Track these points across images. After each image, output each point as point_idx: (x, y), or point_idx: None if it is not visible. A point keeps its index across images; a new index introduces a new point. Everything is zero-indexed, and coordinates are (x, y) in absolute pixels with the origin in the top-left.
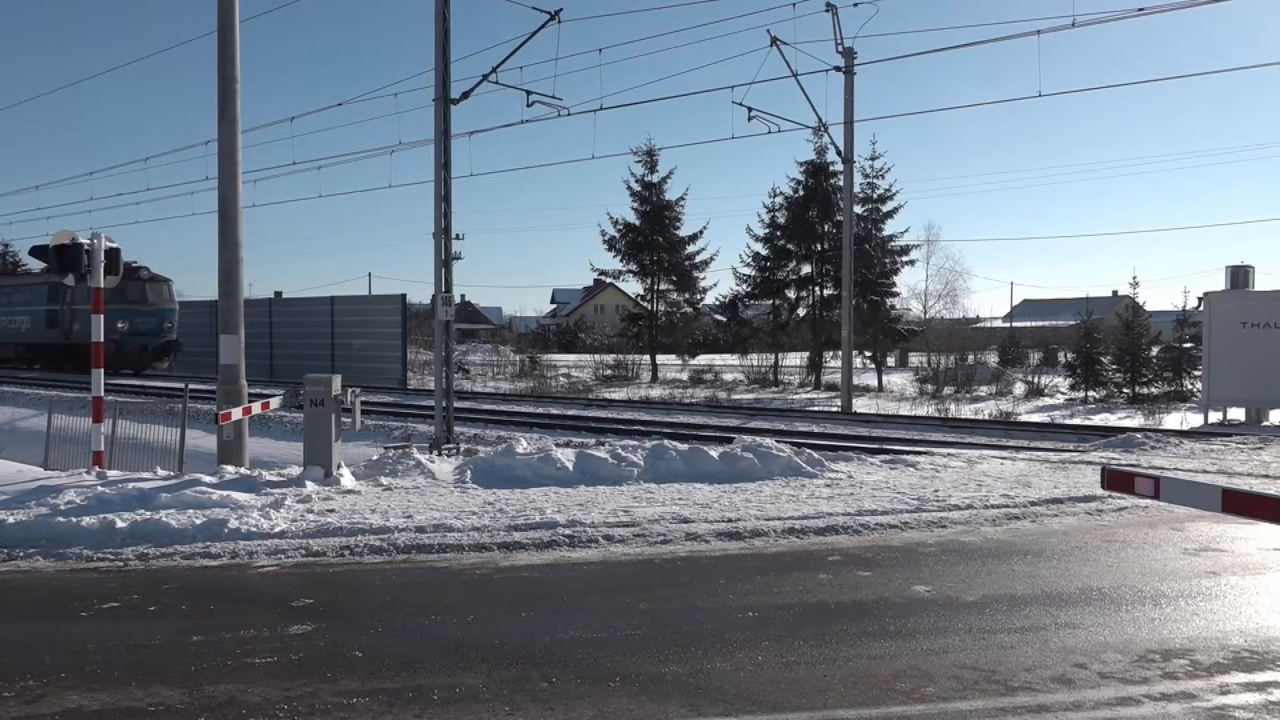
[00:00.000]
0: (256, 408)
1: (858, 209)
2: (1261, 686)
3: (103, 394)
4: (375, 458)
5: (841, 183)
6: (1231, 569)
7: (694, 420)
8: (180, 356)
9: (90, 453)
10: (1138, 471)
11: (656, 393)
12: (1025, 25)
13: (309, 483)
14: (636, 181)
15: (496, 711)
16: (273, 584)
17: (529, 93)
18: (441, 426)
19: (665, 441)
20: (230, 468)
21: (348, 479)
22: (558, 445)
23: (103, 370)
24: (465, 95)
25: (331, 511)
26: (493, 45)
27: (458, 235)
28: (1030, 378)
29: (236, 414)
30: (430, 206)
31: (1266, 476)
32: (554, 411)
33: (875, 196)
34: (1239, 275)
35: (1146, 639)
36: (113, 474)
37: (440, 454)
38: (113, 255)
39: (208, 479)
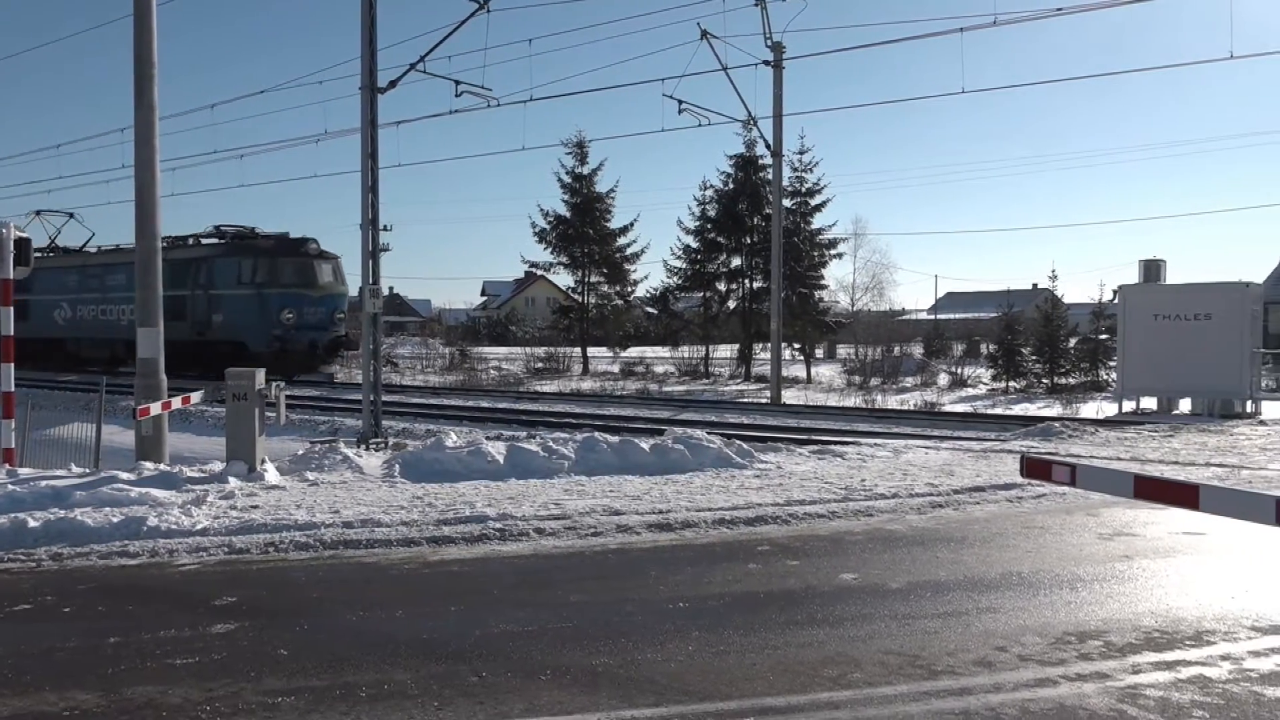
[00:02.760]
0: (177, 402)
1: (787, 202)
2: (1171, 665)
3: (12, 388)
4: (301, 453)
5: (771, 176)
6: (1143, 552)
7: (625, 412)
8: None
9: None
10: (1055, 459)
11: (588, 385)
12: (949, 23)
13: (232, 479)
14: (567, 173)
15: (425, 707)
16: (194, 583)
17: (457, 82)
18: (369, 420)
19: (596, 434)
20: (149, 464)
21: (272, 475)
22: (488, 438)
23: (12, 365)
24: (392, 84)
25: (255, 508)
26: (421, 34)
27: (385, 226)
28: (954, 369)
29: (155, 409)
30: (358, 197)
31: (1176, 463)
32: (484, 405)
33: (804, 190)
34: (1151, 269)
35: (1063, 621)
36: (24, 471)
37: (368, 448)
38: (22, 245)
39: (126, 476)
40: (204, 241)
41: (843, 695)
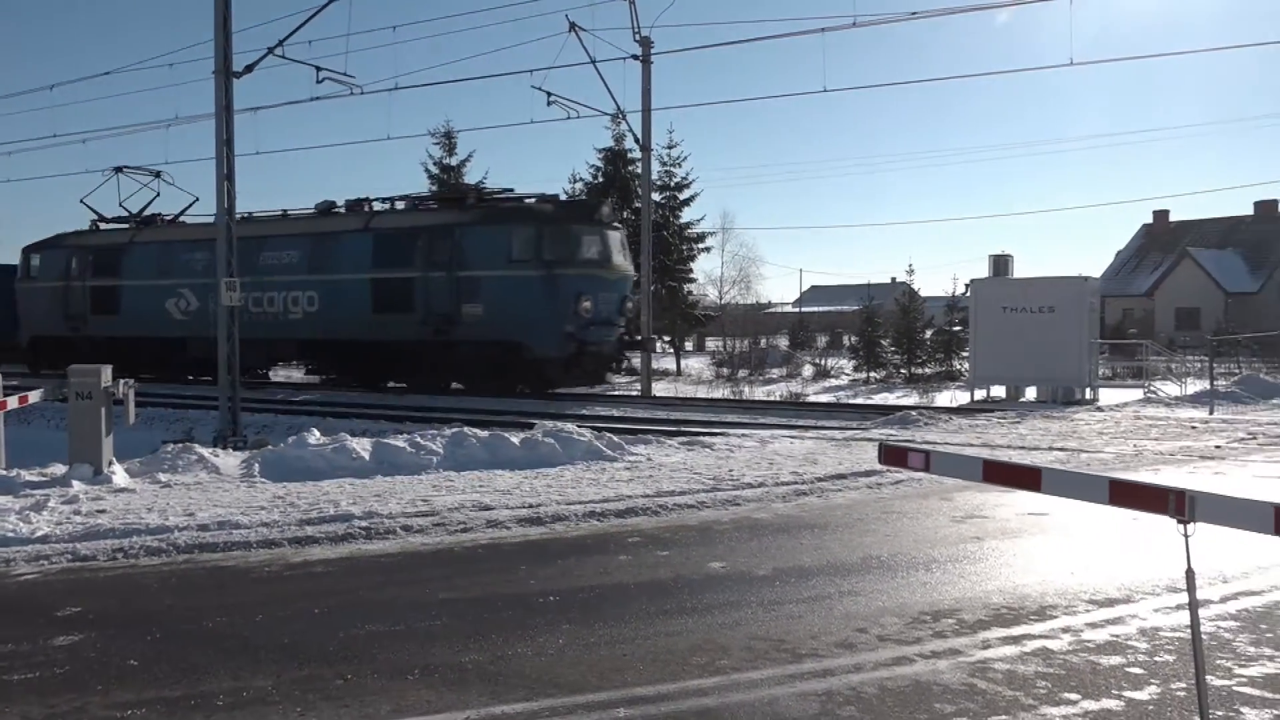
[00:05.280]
0: (13, 401)
1: (656, 196)
2: (1017, 639)
3: None
4: (153, 453)
5: (640, 170)
6: (993, 534)
7: (495, 406)
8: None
9: None
10: (910, 447)
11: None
12: (811, 23)
13: (76, 482)
14: (435, 164)
15: (287, 713)
16: (34, 593)
17: (319, 69)
18: (227, 418)
19: (465, 429)
20: None
21: (121, 477)
22: (354, 435)
23: None
24: (249, 69)
25: (102, 512)
26: (280, 17)
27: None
28: (818, 360)
29: None
30: (212, 185)
31: (1023, 448)
32: (349, 399)
33: (673, 184)
34: (1000, 264)
35: (919, 602)
36: None
37: (226, 447)
38: None
39: None
40: (428, 206)
41: (711, 682)
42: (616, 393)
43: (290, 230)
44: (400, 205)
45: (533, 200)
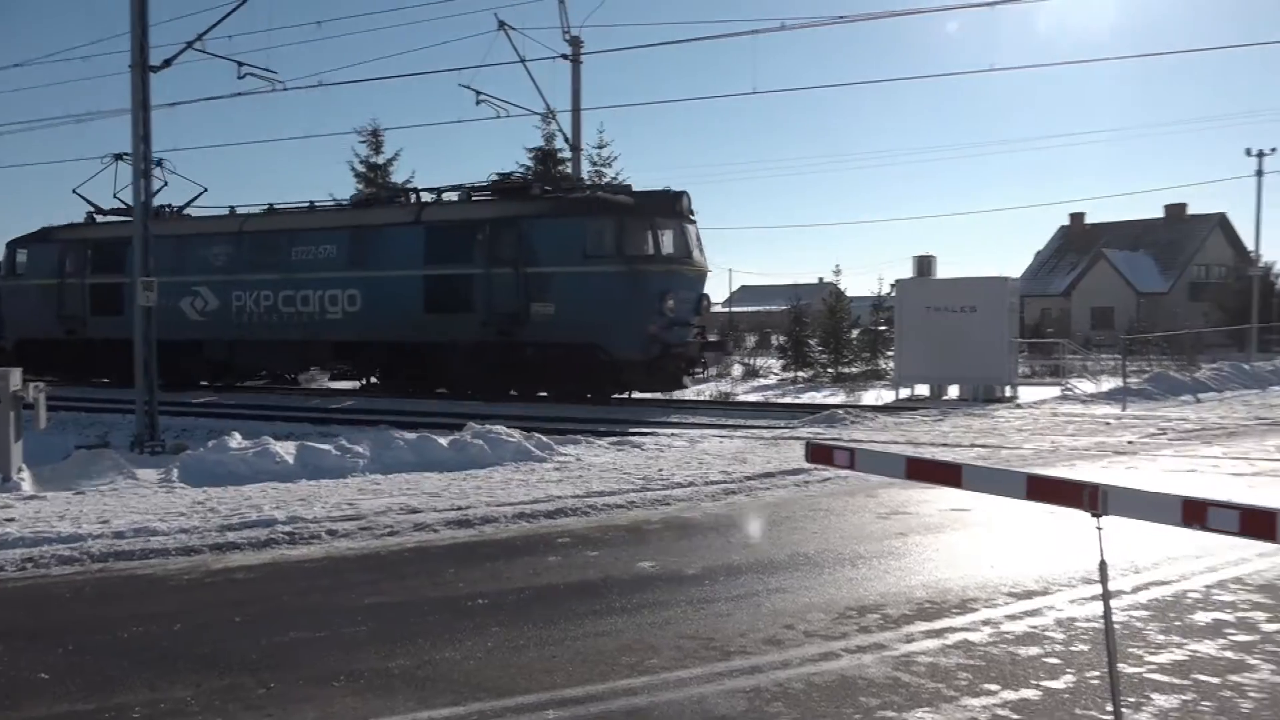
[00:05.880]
0: None
1: None
2: (940, 633)
3: None
4: (66, 459)
5: (570, 169)
6: (916, 529)
7: (423, 408)
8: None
9: None
10: (836, 445)
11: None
12: (742, 25)
13: None
14: (361, 162)
15: None
16: None
17: (240, 64)
18: (144, 421)
19: (392, 430)
20: None
21: (31, 484)
22: (277, 438)
23: None
24: (167, 63)
25: (11, 521)
26: (200, 10)
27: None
28: (747, 360)
29: None
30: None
31: (945, 445)
32: (272, 402)
33: (604, 184)
34: (924, 264)
35: (846, 597)
36: None
37: (144, 452)
38: None
39: None
40: (481, 197)
41: (640, 681)
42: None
43: (326, 223)
44: (451, 196)
45: (616, 190)
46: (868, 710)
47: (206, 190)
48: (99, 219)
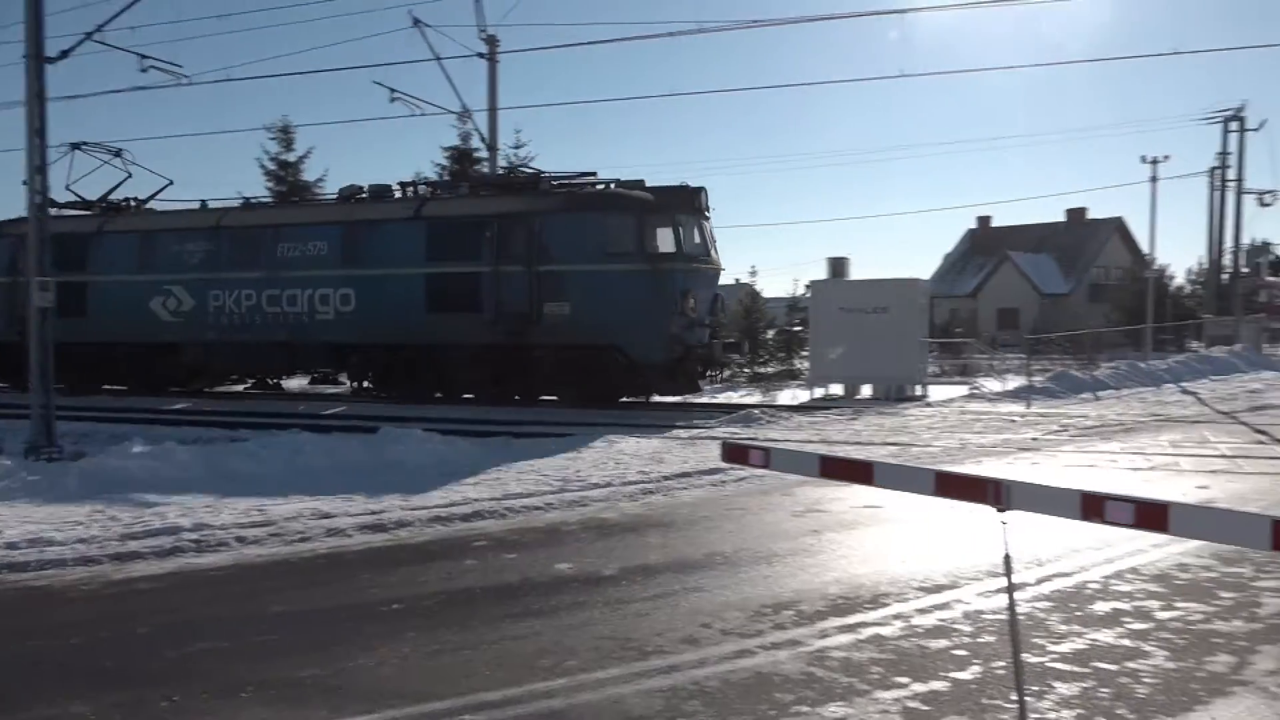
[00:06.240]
0: None
1: None
2: (853, 628)
3: None
4: None
5: (487, 170)
6: (830, 526)
7: (339, 410)
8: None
9: None
10: (751, 444)
11: (295, 383)
12: (659, 27)
13: None
14: (271, 159)
15: None
16: None
17: (143, 56)
18: (40, 426)
19: (306, 433)
20: None
21: None
22: (185, 443)
23: None
24: (64, 54)
25: None
26: (101, 0)
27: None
28: None
29: None
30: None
31: (858, 443)
32: (181, 405)
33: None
34: (837, 266)
35: (761, 595)
36: None
37: (39, 459)
38: None
39: None
40: (487, 191)
41: (558, 683)
42: (467, 395)
43: (315, 218)
44: (465, 189)
45: (632, 184)
46: (782, 706)
47: (172, 183)
48: (54, 212)
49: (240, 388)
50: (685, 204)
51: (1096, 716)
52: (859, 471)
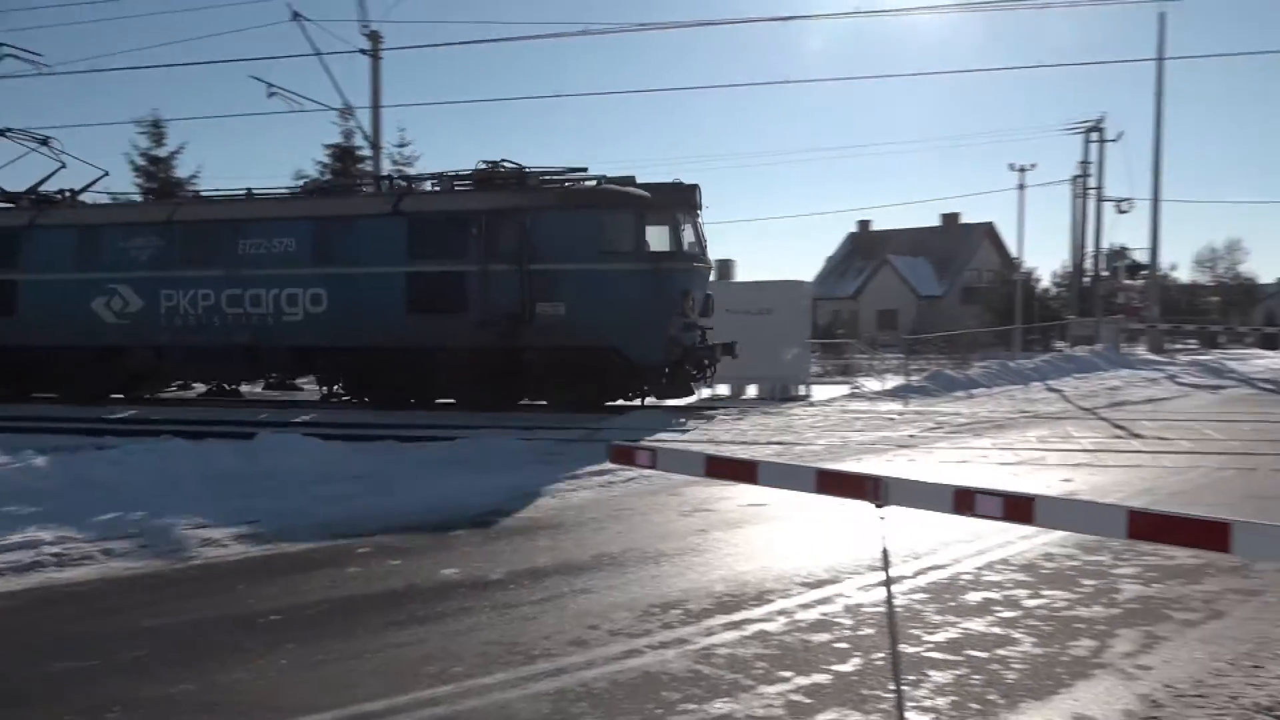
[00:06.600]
0: None
1: None
2: (738, 624)
3: None
4: None
5: (371, 168)
6: (717, 525)
7: (210, 416)
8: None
9: None
10: (638, 445)
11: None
12: (545, 27)
13: None
14: (141, 155)
15: None
16: None
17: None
18: None
19: (177, 439)
20: None
21: None
22: (45, 451)
23: None
24: None
25: None
26: None
27: None
28: None
29: None
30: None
31: (744, 443)
32: (38, 413)
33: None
34: (724, 268)
35: (649, 595)
36: None
37: None
38: None
39: None
40: (473, 187)
41: (443, 690)
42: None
43: (282, 213)
44: (450, 184)
45: (599, 181)
46: (669, 704)
47: (108, 174)
48: None
49: (195, 394)
50: (683, 201)
51: (969, 703)
52: (744, 471)
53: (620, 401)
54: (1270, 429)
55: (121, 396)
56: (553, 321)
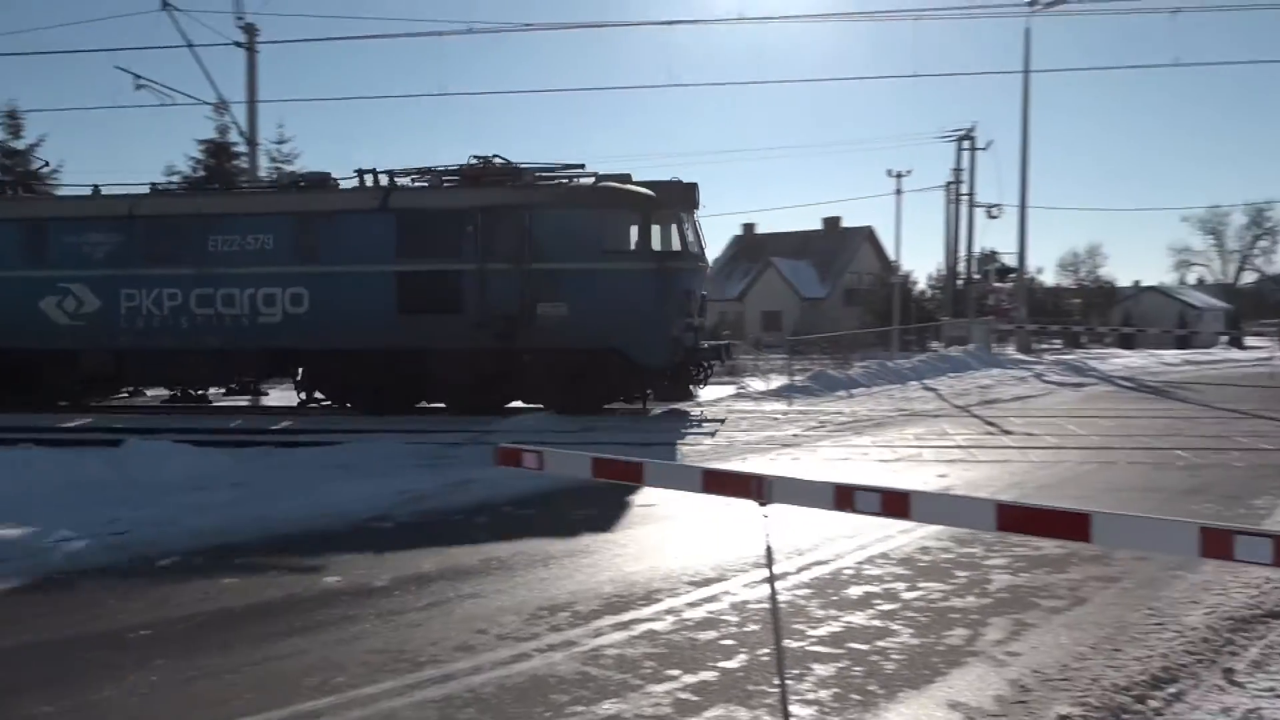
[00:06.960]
0: None
1: None
2: (626, 625)
3: None
4: None
5: (247, 165)
6: (606, 526)
7: (81, 423)
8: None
9: None
10: (525, 448)
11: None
12: (428, 25)
13: None
14: None
15: None
16: None
17: None
18: None
19: (35, 449)
20: None
21: None
22: None
23: None
24: None
25: None
26: None
27: None
28: None
29: None
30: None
31: (633, 444)
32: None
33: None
34: None
35: (537, 598)
36: None
37: None
38: None
39: None
40: (461, 183)
41: (325, 702)
42: (231, 404)
43: (258, 208)
44: (441, 180)
45: (597, 179)
46: (558, 707)
47: (48, 164)
48: None
49: (157, 400)
50: (686, 199)
51: (851, 694)
52: (630, 471)
53: (620, 403)
54: (1129, 424)
55: (67, 404)
56: (555, 322)
